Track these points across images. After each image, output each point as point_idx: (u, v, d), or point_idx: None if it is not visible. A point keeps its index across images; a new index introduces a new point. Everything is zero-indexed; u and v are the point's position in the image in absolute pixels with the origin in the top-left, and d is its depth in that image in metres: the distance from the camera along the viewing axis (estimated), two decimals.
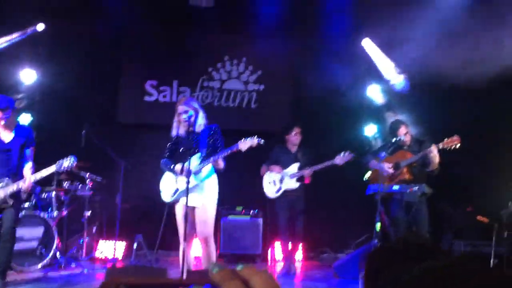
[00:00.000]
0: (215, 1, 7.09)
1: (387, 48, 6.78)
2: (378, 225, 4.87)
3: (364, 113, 7.30)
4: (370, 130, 7.34)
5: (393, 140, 5.30)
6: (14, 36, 6.68)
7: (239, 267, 0.69)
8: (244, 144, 4.40)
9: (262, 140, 4.47)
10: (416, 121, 5.90)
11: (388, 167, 5.39)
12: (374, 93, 7.16)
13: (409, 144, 5.51)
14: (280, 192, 6.12)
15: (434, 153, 5.12)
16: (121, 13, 6.87)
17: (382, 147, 5.63)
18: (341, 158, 5.83)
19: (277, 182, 6.18)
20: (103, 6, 6.72)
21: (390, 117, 6.72)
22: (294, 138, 6.26)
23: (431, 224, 5.42)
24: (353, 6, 7.04)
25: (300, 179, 6.12)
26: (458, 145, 4.98)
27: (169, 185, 4.59)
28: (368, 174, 5.26)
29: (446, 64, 5.64)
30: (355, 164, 5.94)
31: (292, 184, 6.10)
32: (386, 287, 0.99)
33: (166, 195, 4.60)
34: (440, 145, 5.07)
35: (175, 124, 4.68)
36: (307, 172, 6.01)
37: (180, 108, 4.60)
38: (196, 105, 4.64)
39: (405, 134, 5.47)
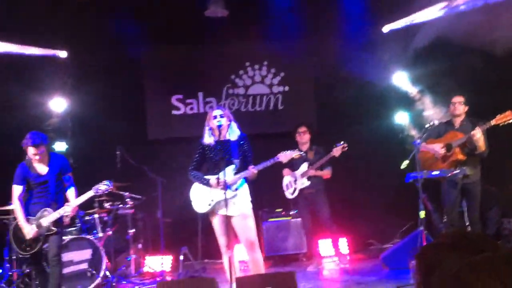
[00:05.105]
0: (229, 9, 7.11)
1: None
2: (422, 213, 4.78)
3: (393, 101, 7.17)
4: (401, 117, 7.21)
5: (426, 126, 5.18)
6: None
7: None
8: (285, 156, 4.43)
9: (303, 152, 4.47)
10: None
11: (439, 148, 5.25)
12: (401, 81, 7.03)
13: (462, 124, 5.31)
14: (296, 192, 6.37)
15: (477, 136, 4.92)
16: (139, 33, 6.95)
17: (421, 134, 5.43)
18: (337, 150, 5.98)
19: (292, 183, 6.42)
20: (122, 29, 6.79)
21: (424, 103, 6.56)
22: (299, 137, 6.42)
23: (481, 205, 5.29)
24: None
25: (311, 176, 6.28)
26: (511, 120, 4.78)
27: (202, 195, 4.50)
28: (405, 163, 5.13)
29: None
30: (392, 152, 5.85)
31: (304, 182, 6.31)
32: (442, 281, 0.98)
33: (200, 206, 4.51)
34: (493, 122, 4.88)
35: (207, 131, 4.56)
36: (311, 172, 6.23)
37: (215, 111, 4.54)
38: (229, 113, 4.64)
39: (456, 104, 5.28)
